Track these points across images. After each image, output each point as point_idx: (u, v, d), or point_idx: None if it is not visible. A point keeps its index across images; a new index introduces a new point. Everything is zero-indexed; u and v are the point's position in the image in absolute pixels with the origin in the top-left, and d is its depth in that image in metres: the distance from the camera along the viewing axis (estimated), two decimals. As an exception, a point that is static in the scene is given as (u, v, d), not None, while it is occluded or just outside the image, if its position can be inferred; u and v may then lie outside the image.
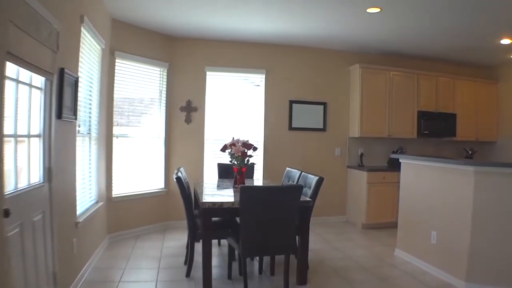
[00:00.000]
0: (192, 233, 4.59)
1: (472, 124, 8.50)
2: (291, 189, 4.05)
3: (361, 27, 6.33)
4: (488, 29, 6.12)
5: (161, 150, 6.96)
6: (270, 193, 3.87)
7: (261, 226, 3.83)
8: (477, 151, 8.70)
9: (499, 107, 8.78)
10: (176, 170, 5.04)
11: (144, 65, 6.54)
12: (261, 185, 5.50)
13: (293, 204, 3.92)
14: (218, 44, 7.26)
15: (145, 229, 6.57)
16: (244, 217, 3.78)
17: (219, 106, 7.35)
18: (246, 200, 3.74)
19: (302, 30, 6.58)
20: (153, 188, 6.80)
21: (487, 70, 9.00)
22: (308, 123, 7.73)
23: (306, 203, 4.29)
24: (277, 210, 3.85)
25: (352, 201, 7.79)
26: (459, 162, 4.56)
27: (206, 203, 3.96)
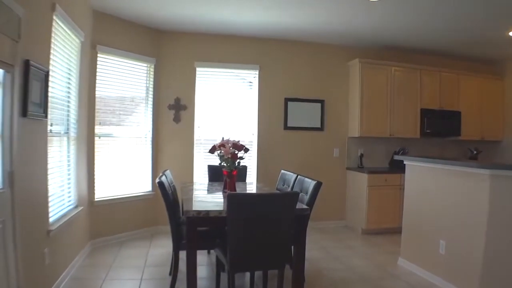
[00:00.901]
0: (176, 243, 4.22)
1: (477, 123, 8.19)
2: (285, 197, 3.63)
3: (360, 19, 6.04)
4: (497, 20, 5.83)
5: (148, 151, 6.63)
6: (262, 202, 3.47)
7: (251, 238, 3.45)
8: (482, 151, 8.39)
9: (505, 104, 8.49)
10: (161, 173, 4.70)
11: (129, 60, 6.21)
12: (251, 192, 5.13)
13: (288, 214, 3.54)
14: (209, 38, 6.93)
15: (130, 235, 6.24)
16: (232, 228, 3.40)
17: (210, 104, 7.02)
18: (234, 209, 3.36)
19: (299, 22, 6.26)
20: (139, 191, 6.48)
21: (493, 65, 8.73)
22: (304, 122, 7.40)
23: (303, 211, 3.91)
24: (269, 220, 3.46)
25: (351, 205, 7.47)
26: (473, 164, 4.20)
27: (190, 211, 3.58)
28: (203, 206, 4.03)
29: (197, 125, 6.93)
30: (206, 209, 3.64)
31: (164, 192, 4.19)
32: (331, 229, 7.24)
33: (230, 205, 3.36)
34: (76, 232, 4.93)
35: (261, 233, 3.47)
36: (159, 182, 4.15)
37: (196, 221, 3.60)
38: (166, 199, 4.22)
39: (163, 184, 4.16)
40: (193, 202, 4.27)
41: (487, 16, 5.69)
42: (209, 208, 3.74)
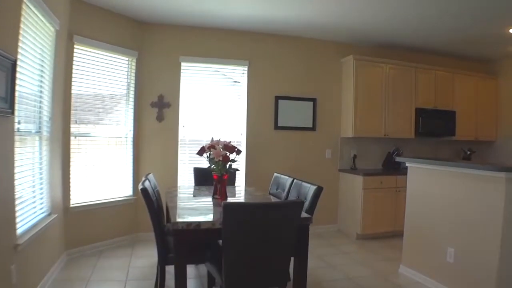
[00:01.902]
0: (162, 256, 3.71)
1: (471, 123, 7.95)
2: (290, 206, 3.17)
3: (355, 14, 5.74)
4: (497, 17, 5.57)
5: (129, 152, 6.13)
6: (263, 212, 3.01)
7: (250, 253, 2.99)
8: (475, 151, 8.16)
9: (498, 104, 8.26)
10: (144, 178, 4.19)
11: (109, 53, 5.70)
12: (246, 200, 4.60)
13: (291, 225, 3.10)
14: (196, 31, 6.45)
15: (110, 243, 5.73)
16: (228, 244, 2.93)
17: (196, 102, 6.54)
18: (231, 221, 2.89)
19: (290, 16, 5.86)
20: (119, 195, 5.97)
21: (487, 64, 8.50)
22: (296, 122, 6.98)
23: (305, 220, 3.48)
24: (271, 232, 3.01)
25: (344, 209, 7.07)
26: (488, 167, 3.82)
27: (179, 223, 3.09)
28: (192, 216, 3.57)
29: (182, 124, 6.45)
30: (196, 220, 3.18)
31: (148, 200, 3.67)
32: (324, 233, 6.83)
33: (227, 218, 2.89)
34: (49, 243, 4.42)
35: (261, 247, 3.03)
36: (143, 189, 3.63)
37: (185, 234, 3.13)
38: (151, 207, 3.70)
39: (147, 191, 3.65)
40: (180, 211, 3.75)
41: (487, 13, 5.44)
42: (199, 219, 3.29)
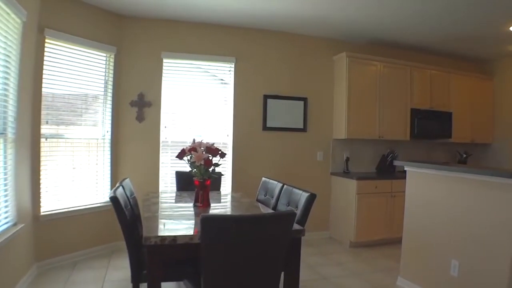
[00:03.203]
0: (135, 273, 3.33)
1: (468, 125, 7.75)
2: (281, 219, 2.79)
3: (348, 10, 5.49)
4: (497, 14, 5.38)
5: (107, 155, 5.75)
6: (251, 226, 2.64)
7: (234, 272, 2.63)
8: (471, 154, 7.99)
9: (495, 105, 8.10)
10: (118, 184, 3.83)
11: (85, 48, 5.34)
12: (231, 213, 4.14)
13: (281, 239, 2.75)
14: (179, 25, 6.12)
15: (85, 254, 5.37)
16: (208, 260, 2.57)
17: (179, 101, 6.20)
18: (211, 237, 2.53)
19: (279, 10, 5.59)
20: (96, 202, 5.60)
21: (483, 65, 8.36)
22: (285, 122, 6.67)
23: (297, 233, 3.14)
24: (259, 248, 2.67)
25: (337, 215, 6.78)
26: (499, 173, 3.52)
27: (152, 237, 2.74)
28: (169, 228, 3.21)
29: (163, 125, 6.10)
30: (172, 234, 2.81)
31: (119, 210, 3.27)
32: (315, 241, 6.52)
33: (206, 233, 2.53)
34: (15, 255, 4.06)
35: (246, 264, 2.69)
36: (113, 198, 3.24)
37: (159, 250, 2.77)
38: (122, 219, 3.30)
39: (117, 201, 3.25)
40: (154, 223, 3.31)
41: (486, 10, 5.25)
42: (176, 232, 2.92)
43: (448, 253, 4.00)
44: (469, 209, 3.79)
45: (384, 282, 4.81)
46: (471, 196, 3.79)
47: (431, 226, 4.26)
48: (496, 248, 3.48)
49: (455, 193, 3.98)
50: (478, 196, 3.72)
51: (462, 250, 3.84)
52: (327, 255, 5.85)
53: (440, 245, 4.11)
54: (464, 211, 3.85)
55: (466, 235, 3.80)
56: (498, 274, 3.43)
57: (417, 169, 4.53)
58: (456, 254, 3.90)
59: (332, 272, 5.13)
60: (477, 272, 3.65)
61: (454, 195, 3.99)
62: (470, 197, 3.80)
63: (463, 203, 3.87)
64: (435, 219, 4.21)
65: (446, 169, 4.10)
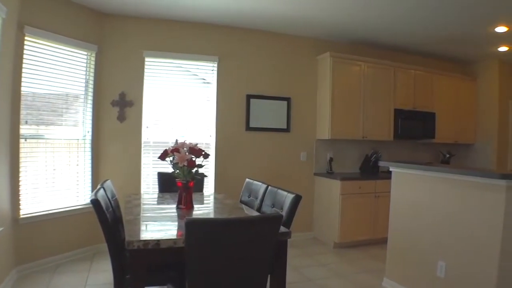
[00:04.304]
0: (118, 278, 3.30)
1: (451, 125, 7.88)
2: (267, 222, 2.80)
3: (331, 9, 5.50)
4: (482, 14, 5.46)
5: (88, 155, 5.72)
6: (236, 229, 2.65)
7: (219, 276, 2.65)
8: (454, 154, 8.08)
9: (477, 106, 8.25)
10: (99, 186, 3.79)
11: (66, 46, 5.29)
12: (214, 216, 4.04)
13: (268, 242, 2.75)
14: (161, 24, 6.09)
15: (67, 257, 5.32)
16: (192, 265, 2.57)
17: (161, 101, 6.18)
18: (196, 241, 2.53)
19: (263, 9, 5.59)
20: (77, 203, 5.56)
21: (466, 65, 8.51)
22: (269, 123, 6.69)
23: (283, 235, 3.15)
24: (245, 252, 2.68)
25: (321, 215, 6.83)
26: (486, 174, 3.58)
27: (134, 242, 2.72)
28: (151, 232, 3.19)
29: (145, 125, 6.07)
30: (155, 238, 2.79)
31: (101, 213, 3.23)
32: (298, 242, 6.54)
33: (190, 237, 2.53)
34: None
35: (232, 268, 2.69)
36: (94, 201, 3.19)
37: (142, 255, 2.75)
38: (104, 222, 3.27)
39: (99, 204, 3.22)
40: (136, 226, 3.29)
41: (472, 11, 5.33)
42: (159, 236, 2.90)
43: (434, 254, 4.05)
44: (455, 209, 3.84)
45: (369, 283, 4.87)
46: (457, 196, 3.84)
47: (417, 227, 4.31)
48: (482, 249, 3.53)
49: (441, 193, 4.03)
50: (464, 197, 3.77)
51: (449, 251, 3.89)
52: (312, 256, 5.89)
53: (426, 246, 4.16)
54: (450, 212, 3.90)
55: (453, 236, 3.85)
56: (485, 275, 3.49)
57: (402, 170, 4.57)
58: (443, 255, 3.95)
59: (317, 274, 5.17)
60: (464, 273, 3.71)
61: (440, 195, 4.04)
62: (456, 198, 3.85)
63: (449, 203, 3.93)
64: (421, 219, 4.26)
65: (432, 170, 4.16)
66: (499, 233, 3.36)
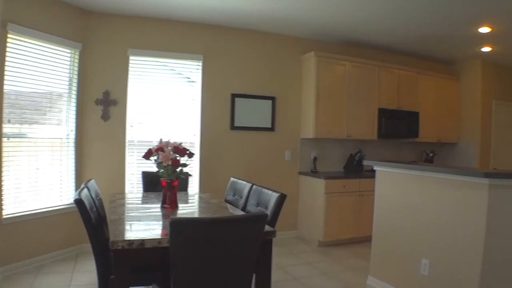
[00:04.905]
0: (102, 279, 3.30)
1: (434, 124, 8.00)
2: (252, 221, 2.83)
3: (317, 8, 5.51)
4: (466, 15, 5.53)
5: (71, 155, 5.69)
6: (221, 229, 2.67)
7: (204, 275, 2.67)
8: (437, 153, 8.18)
9: (460, 106, 8.37)
10: (83, 185, 3.78)
11: (49, 44, 5.26)
12: (199, 215, 4.11)
13: (253, 241, 2.78)
14: (146, 22, 6.08)
15: (50, 257, 5.29)
16: (178, 265, 2.59)
17: (146, 100, 6.17)
18: (180, 241, 2.55)
19: (247, 7, 5.61)
20: (60, 203, 5.53)
21: (450, 65, 8.62)
22: (253, 122, 6.72)
23: (268, 234, 3.17)
24: (230, 251, 2.70)
25: (305, 214, 6.89)
26: (469, 172, 3.65)
27: (119, 242, 2.72)
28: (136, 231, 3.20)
29: (129, 124, 6.06)
30: (140, 238, 2.79)
31: (85, 213, 3.23)
32: (283, 241, 6.59)
33: (175, 237, 2.54)
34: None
35: (217, 268, 2.71)
36: (77, 200, 3.18)
37: (127, 255, 2.75)
38: (87, 222, 3.25)
39: (83, 203, 3.21)
40: (121, 226, 3.27)
41: (456, 11, 5.41)
42: (144, 236, 2.91)
43: (418, 252, 4.11)
44: (439, 208, 3.90)
45: (354, 281, 4.93)
46: (441, 195, 3.89)
47: (401, 225, 4.36)
48: (466, 247, 3.59)
49: (425, 192, 4.08)
50: (447, 195, 3.82)
51: (432, 249, 3.95)
52: (297, 255, 5.94)
53: (410, 244, 4.21)
54: (433, 210, 3.95)
55: (436, 234, 3.91)
56: (468, 272, 3.54)
57: (386, 169, 4.62)
58: (426, 253, 4.01)
59: (302, 272, 5.22)
60: (448, 270, 3.77)
61: (424, 194, 4.10)
62: (440, 196, 3.90)
63: (432, 202, 3.98)
64: (405, 218, 4.31)
65: (416, 169, 4.21)
66: (482, 230, 3.42)
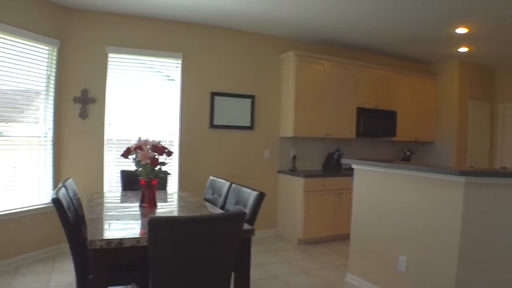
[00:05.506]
0: (81, 279, 3.29)
1: (412, 123, 8.13)
2: (231, 220, 2.86)
3: (298, 6, 5.52)
4: (443, 16, 5.64)
5: (49, 153, 5.63)
6: (199, 227, 2.68)
7: (183, 274, 2.69)
8: (415, 152, 8.29)
9: (437, 105, 8.53)
10: (60, 184, 3.74)
11: (26, 41, 5.18)
12: (178, 214, 4.11)
13: (232, 240, 2.80)
14: (125, 19, 6.04)
15: (28, 258, 5.23)
16: (156, 264, 2.59)
17: (124, 98, 6.14)
18: (159, 240, 2.56)
19: (227, 6, 5.62)
20: (37, 203, 5.47)
21: (428, 65, 8.79)
22: (233, 120, 6.75)
23: (247, 232, 3.20)
24: (208, 250, 2.72)
25: (284, 212, 6.94)
26: (446, 171, 3.73)
27: (97, 241, 2.71)
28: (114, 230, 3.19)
29: (108, 122, 6.02)
30: (118, 237, 2.79)
31: (62, 212, 3.19)
32: (263, 239, 6.64)
33: (153, 236, 2.54)
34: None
35: (196, 267, 2.72)
36: (55, 200, 3.15)
37: (105, 254, 2.74)
38: (65, 222, 3.23)
39: (60, 203, 3.18)
40: (99, 225, 3.26)
41: (433, 13, 5.52)
42: (122, 235, 2.90)
43: (396, 249, 4.16)
44: (416, 206, 3.95)
45: (333, 278, 5.00)
46: (418, 193, 3.95)
47: (379, 222, 4.41)
48: (442, 243, 3.65)
49: (402, 190, 4.13)
50: (424, 193, 3.88)
51: (410, 246, 4.00)
52: (276, 253, 5.99)
53: (388, 241, 4.27)
54: (411, 208, 4.01)
55: (414, 231, 3.96)
56: (445, 268, 3.60)
57: (364, 167, 4.67)
58: (404, 250, 4.07)
59: (282, 270, 5.27)
60: (425, 267, 3.83)
61: (401, 192, 4.15)
62: (417, 194, 3.96)
63: (410, 200, 4.03)
64: (383, 216, 4.36)
65: (393, 167, 4.26)
66: (458, 228, 3.48)
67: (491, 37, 6.47)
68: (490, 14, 5.44)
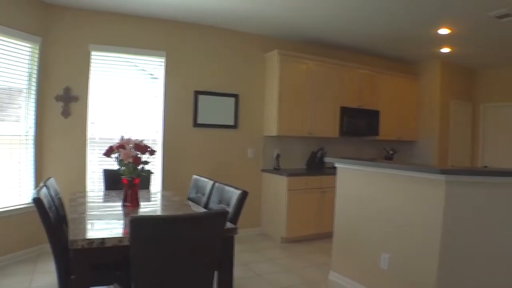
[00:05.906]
0: (62, 279, 3.26)
1: (394, 123, 8.22)
2: (213, 218, 2.88)
3: (283, 6, 5.54)
4: (427, 17, 5.70)
5: (30, 152, 5.57)
6: (182, 226, 2.69)
7: (165, 273, 2.70)
8: (398, 151, 8.38)
9: (420, 105, 8.63)
10: (42, 184, 3.71)
11: (7, 37, 5.11)
12: (161, 213, 4.10)
13: (214, 239, 2.80)
14: (108, 17, 6.00)
15: (9, 259, 5.17)
16: (139, 263, 2.59)
17: (107, 96, 6.09)
18: (141, 239, 2.56)
19: (210, 4, 5.61)
20: (18, 203, 5.40)
21: (410, 65, 8.87)
22: (216, 119, 6.74)
23: (230, 231, 3.21)
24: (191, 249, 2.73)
25: (268, 211, 6.96)
26: (427, 169, 3.77)
27: (78, 240, 2.70)
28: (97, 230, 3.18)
29: (91, 120, 5.97)
30: (100, 236, 2.78)
31: (43, 212, 3.17)
32: (246, 238, 6.67)
33: (135, 235, 2.54)
34: None
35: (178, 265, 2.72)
36: (36, 199, 3.12)
37: (87, 254, 2.73)
38: (46, 222, 3.20)
39: (41, 202, 3.15)
40: (81, 225, 3.24)
41: (417, 13, 5.58)
42: (104, 234, 2.89)
43: (378, 247, 4.21)
44: (398, 204, 4.00)
45: (316, 276, 5.03)
46: (400, 191, 3.99)
47: (361, 221, 4.45)
48: (424, 241, 3.69)
49: (384, 188, 4.18)
50: (406, 191, 3.92)
51: (392, 244, 4.05)
52: (259, 252, 6.01)
53: (370, 239, 4.31)
54: (393, 206, 4.05)
55: (396, 229, 4.01)
56: (426, 266, 3.65)
57: (347, 166, 4.71)
58: (386, 247, 4.11)
59: (265, 269, 5.29)
60: (407, 264, 3.87)
61: (383, 190, 4.19)
62: (399, 193, 4.00)
63: (392, 198, 4.08)
64: (365, 214, 4.40)
65: (375, 166, 4.30)
66: (439, 225, 3.53)
67: (473, 38, 6.57)
68: (472, 15, 5.52)
